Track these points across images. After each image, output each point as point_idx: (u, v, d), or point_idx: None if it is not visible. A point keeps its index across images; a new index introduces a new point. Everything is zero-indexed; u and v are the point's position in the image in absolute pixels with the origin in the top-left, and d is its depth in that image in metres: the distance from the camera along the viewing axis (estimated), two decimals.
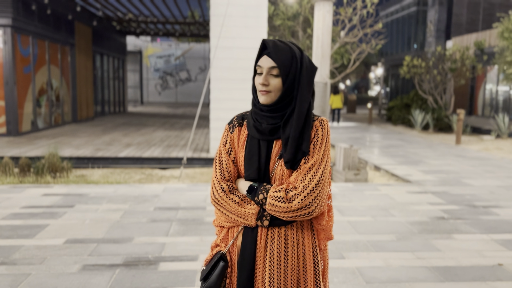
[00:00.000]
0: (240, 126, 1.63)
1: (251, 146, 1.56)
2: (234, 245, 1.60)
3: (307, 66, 1.52)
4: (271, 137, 1.54)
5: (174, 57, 30.07)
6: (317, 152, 1.52)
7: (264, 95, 1.52)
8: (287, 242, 1.53)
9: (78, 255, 3.64)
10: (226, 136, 1.63)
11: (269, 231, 1.53)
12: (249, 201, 1.54)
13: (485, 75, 18.38)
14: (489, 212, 5.18)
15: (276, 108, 1.53)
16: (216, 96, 8.38)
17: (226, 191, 1.56)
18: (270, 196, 1.48)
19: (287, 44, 1.53)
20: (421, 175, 7.36)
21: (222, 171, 1.59)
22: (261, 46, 1.53)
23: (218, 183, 1.58)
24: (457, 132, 11.82)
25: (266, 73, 1.51)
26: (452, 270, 3.51)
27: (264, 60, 1.51)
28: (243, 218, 1.53)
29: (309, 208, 1.47)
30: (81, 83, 14.93)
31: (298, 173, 1.51)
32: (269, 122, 1.54)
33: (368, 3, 10.06)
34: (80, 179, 6.72)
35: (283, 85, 1.51)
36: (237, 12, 8.14)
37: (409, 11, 27.18)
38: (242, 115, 1.66)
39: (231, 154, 1.60)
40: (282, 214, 1.47)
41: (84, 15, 14.93)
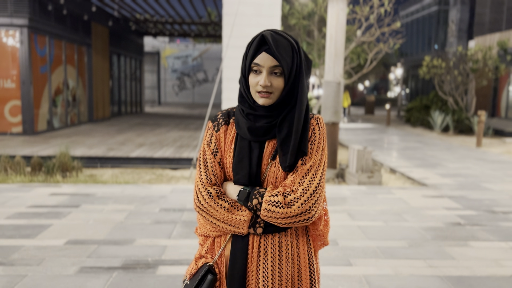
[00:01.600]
0: (227, 124, 1.47)
1: (240, 148, 1.42)
2: (222, 255, 1.45)
3: (304, 60, 1.40)
4: (264, 137, 1.40)
5: (191, 58, 30.18)
6: (315, 152, 1.40)
7: (264, 97, 1.37)
8: (281, 250, 1.40)
9: (77, 256, 3.56)
10: (211, 135, 1.47)
11: (262, 238, 1.39)
12: (239, 206, 1.39)
13: (508, 76, 17.83)
14: (508, 219, 4.92)
15: (274, 108, 1.40)
16: (228, 96, 8.27)
17: (213, 197, 1.40)
18: (265, 201, 1.34)
19: (285, 37, 1.38)
20: (438, 179, 7.10)
21: (208, 174, 1.43)
22: (258, 41, 1.35)
23: (204, 187, 1.41)
24: (478, 134, 11.44)
25: (268, 73, 1.36)
26: (466, 280, 3.30)
27: (264, 58, 1.35)
28: (233, 226, 1.38)
29: (309, 213, 1.35)
30: (98, 83, 15.04)
31: (295, 175, 1.38)
32: (264, 121, 1.40)
33: (385, 1, 9.81)
34: (90, 178, 6.69)
35: (285, 85, 1.37)
36: (249, 11, 8.02)
37: (429, 10, 26.64)
38: (228, 112, 1.50)
39: (217, 155, 1.45)
40: (279, 220, 1.34)
41: (101, 15, 15.04)
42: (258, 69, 1.36)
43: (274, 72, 1.35)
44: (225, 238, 1.44)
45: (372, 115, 25.69)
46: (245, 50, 1.41)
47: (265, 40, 1.35)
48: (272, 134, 1.40)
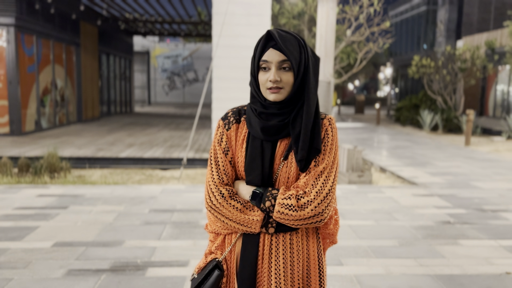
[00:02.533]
0: (238, 123, 1.46)
1: (253, 147, 1.41)
2: (232, 252, 1.46)
3: (311, 56, 1.40)
4: (276, 136, 1.40)
5: (181, 57, 30.04)
6: (327, 154, 1.40)
7: (275, 92, 1.37)
8: (293, 249, 1.41)
9: (65, 259, 3.50)
10: (222, 134, 1.46)
11: (273, 237, 1.41)
12: (252, 206, 1.40)
13: (496, 75, 18.02)
14: (498, 217, 4.95)
15: (285, 105, 1.39)
16: (218, 96, 8.23)
17: (226, 197, 1.40)
18: (279, 203, 1.35)
19: (291, 34, 1.39)
20: (428, 177, 7.13)
21: (220, 173, 1.43)
22: (265, 38, 1.37)
23: (216, 187, 1.41)
24: (467, 133, 11.54)
25: (276, 68, 1.36)
26: (457, 278, 3.31)
27: (272, 54, 1.36)
28: (245, 225, 1.39)
29: (321, 215, 1.36)
30: (87, 83, 14.89)
31: (308, 176, 1.38)
32: (277, 119, 1.39)
33: (375, 1, 9.84)
34: (78, 179, 6.61)
35: (295, 80, 1.37)
36: (239, 10, 7.98)
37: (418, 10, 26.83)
38: (238, 110, 1.49)
39: (228, 154, 1.45)
40: (291, 222, 1.35)
41: (89, 14, 14.89)
42: (267, 66, 1.37)
43: (283, 67, 1.36)
44: (235, 236, 1.45)
45: (362, 114, 25.80)
46: (253, 52, 1.42)
47: (271, 37, 1.36)
48: (284, 133, 1.40)
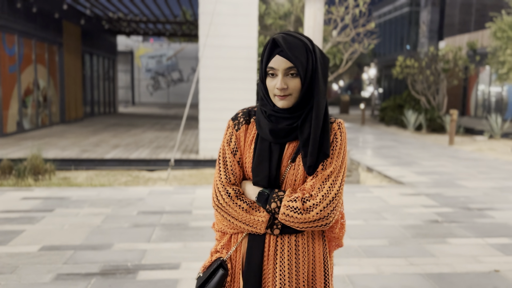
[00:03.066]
0: (247, 124, 1.48)
1: (261, 149, 1.42)
2: (237, 252, 1.47)
3: (320, 58, 1.39)
4: (285, 139, 1.41)
5: (166, 57, 29.83)
6: (335, 158, 1.40)
7: (282, 100, 1.37)
8: (298, 251, 1.42)
9: (53, 263, 3.43)
10: (231, 134, 1.47)
11: (279, 238, 1.41)
12: (257, 207, 1.41)
13: (477, 76, 18.35)
14: (484, 215, 5.03)
15: (295, 109, 1.40)
16: (205, 96, 8.19)
17: (232, 197, 1.41)
18: (284, 205, 1.35)
19: (298, 37, 1.38)
20: (414, 177, 7.21)
21: (227, 173, 1.44)
22: (271, 45, 1.37)
23: (223, 187, 1.43)
24: (450, 133, 11.71)
25: (283, 75, 1.36)
26: (447, 277, 3.34)
27: (279, 61, 1.35)
28: (251, 226, 1.40)
29: (326, 219, 1.36)
30: (70, 83, 14.66)
31: (315, 180, 1.38)
32: (286, 123, 1.40)
33: (360, 2, 9.91)
34: (64, 181, 6.50)
35: (302, 85, 1.37)
36: (226, 10, 7.95)
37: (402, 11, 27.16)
38: (248, 111, 1.50)
39: (236, 154, 1.46)
40: (296, 224, 1.36)
41: (72, 13, 14.67)
42: (274, 72, 1.37)
43: (290, 74, 1.36)
44: (241, 235, 1.46)
45: (347, 114, 25.99)
46: (261, 57, 1.42)
47: (277, 44, 1.36)
48: (293, 136, 1.40)
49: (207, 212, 4.92)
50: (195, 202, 5.36)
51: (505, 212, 5.19)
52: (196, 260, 3.55)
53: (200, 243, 3.94)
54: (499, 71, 12.01)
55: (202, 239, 4.04)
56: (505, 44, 11.23)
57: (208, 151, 8.29)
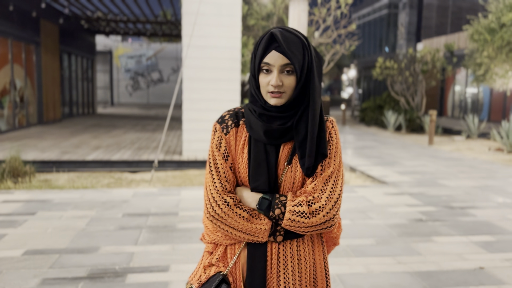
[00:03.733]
0: (237, 127, 1.39)
1: (257, 152, 1.34)
2: (236, 264, 1.38)
3: (315, 56, 1.34)
4: (280, 140, 1.34)
5: (145, 57, 29.51)
6: (333, 157, 1.36)
7: (276, 97, 1.31)
8: (300, 256, 1.37)
9: (38, 267, 3.34)
10: (220, 138, 1.38)
11: (281, 245, 1.35)
12: (258, 215, 1.33)
13: (454, 77, 18.76)
14: (466, 213, 5.14)
15: (287, 108, 1.34)
16: (189, 97, 8.13)
17: (231, 206, 1.32)
18: (289, 211, 1.29)
19: (295, 34, 1.32)
20: (397, 176, 7.32)
21: (222, 181, 1.35)
22: (267, 39, 1.30)
23: (220, 196, 1.33)
24: (430, 133, 11.93)
25: (279, 72, 1.30)
26: (434, 275, 3.39)
27: (275, 57, 1.29)
28: (252, 235, 1.32)
29: (332, 221, 1.33)
30: (48, 84, 14.36)
31: (317, 182, 1.33)
32: (279, 122, 1.33)
33: (342, 4, 10.01)
34: (44, 184, 6.35)
35: (297, 83, 1.31)
36: (210, 10, 7.91)
37: (380, 13, 27.55)
38: (236, 113, 1.42)
39: (228, 159, 1.37)
40: (302, 229, 1.31)
41: (50, 12, 14.37)
42: (269, 68, 1.31)
43: (286, 71, 1.30)
44: (239, 246, 1.38)
45: (327, 115, 26.16)
46: (253, 49, 1.36)
47: (274, 38, 1.30)
48: (288, 137, 1.35)
49: (193, 213, 4.88)
50: (181, 203, 5.32)
51: (486, 210, 5.32)
52: (185, 262, 3.51)
53: (189, 245, 3.91)
54: (476, 73, 12.30)
55: (190, 241, 4.01)
56: (481, 47, 11.51)
57: (192, 152, 8.23)
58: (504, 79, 11.74)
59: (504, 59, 11.29)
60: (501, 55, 11.24)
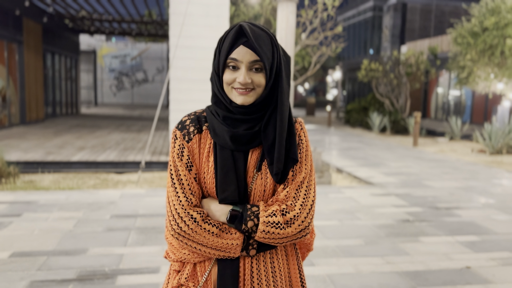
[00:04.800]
0: (200, 133, 1.27)
1: (223, 159, 1.23)
2: (208, 282, 1.27)
3: (283, 55, 1.26)
4: (248, 146, 1.24)
5: (130, 57, 29.25)
6: (304, 161, 1.28)
7: (243, 94, 1.20)
8: (274, 267, 1.29)
9: (25, 270, 3.29)
10: (181, 147, 1.25)
11: (254, 259, 1.26)
12: (228, 228, 1.22)
13: (437, 80, 19.06)
14: (451, 214, 5.23)
15: (255, 110, 1.23)
16: (176, 97, 8.09)
17: (198, 221, 1.20)
18: (263, 222, 1.19)
19: (264, 29, 1.23)
20: (383, 177, 7.40)
21: (186, 194, 1.22)
22: (235, 32, 1.19)
23: (185, 212, 1.20)
24: (414, 135, 12.09)
25: (247, 68, 1.20)
26: (422, 274, 3.45)
27: (243, 52, 1.18)
28: (223, 251, 1.22)
29: (308, 229, 1.25)
30: (30, 83, 14.12)
31: (289, 189, 1.25)
32: (245, 126, 1.23)
33: (329, 6, 10.09)
34: (29, 185, 6.25)
35: (266, 82, 1.22)
36: (197, 11, 7.89)
37: (365, 16, 27.83)
38: (197, 117, 1.29)
39: (192, 170, 1.24)
40: (277, 240, 1.22)
41: (34, 11, 14.14)
42: (236, 65, 1.20)
43: (254, 68, 1.20)
44: (209, 263, 1.27)
45: (313, 116, 26.35)
46: (217, 44, 1.25)
47: (243, 32, 1.19)
48: (256, 142, 1.25)
49: None
50: None
51: (470, 210, 5.42)
52: None
53: None
54: (460, 76, 12.52)
55: None
56: (465, 50, 11.73)
57: None
58: (487, 82, 11.98)
59: (487, 62, 11.52)
60: (484, 58, 11.47)
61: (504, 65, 11.41)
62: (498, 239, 4.36)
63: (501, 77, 11.65)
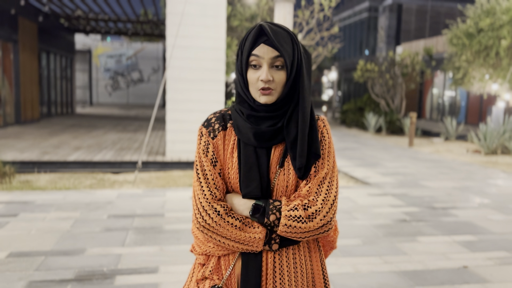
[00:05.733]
0: (224, 130, 1.32)
1: (247, 156, 1.27)
2: (232, 276, 1.30)
3: (303, 53, 1.31)
4: (270, 142, 1.28)
5: (125, 56, 29.15)
6: (327, 158, 1.30)
7: (266, 94, 1.24)
8: (296, 263, 1.31)
9: (23, 270, 3.27)
10: (207, 143, 1.30)
11: (276, 254, 1.29)
12: (251, 222, 1.26)
13: (432, 80, 19.15)
14: (448, 214, 5.25)
15: (277, 107, 1.27)
16: (173, 97, 8.08)
17: (222, 215, 1.24)
18: (285, 216, 1.22)
19: (284, 28, 1.28)
20: (379, 177, 7.42)
21: (211, 188, 1.27)
22: (255, 32, 1.24)
23: (209, 205, 1.25)
24: (410, 135, 12.14)
25: (269, 66, 1.24)
26: (420, 274, 3.46)
27: (264, 49, 1.23)
28: (246, 244, 1.25)
29: (330, 224, 1.26)
30: (26, 83, 14.05)
31: (311, 184, 1.27)
32: (268, 123, 1.27)
33: (325, 7, 10.11)
34: (25, 185, 6.22)
35: (287, 79, 1.26)
36: (194, 11, 7.89)
37: (361, 17, 27.90)
38: (222, 115, 1.34)
39: (217, 165, 1.30)
40: (299, 235, 1.24)
41: (29, 10, 14.07)
42: (258, 63, 1.24)
43: (276, 66, 1.24)
44: (233, 257, 1.30)
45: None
46: (239, 46, 1.29)
47: (263, 31, 1.24)
48: (279, 138, 1.29)
49: (180, 215, 4.85)
50: (166, 205, 5.28)
51: (467, 210, 5.45)
52: (174, 264, 3.49)
53: (177, 246, 3.88)
54: (455, 76, 12.59)
55: (178, 242, 3.98)
56: (460, 51, 11.79)
57: (176, 153, 8.18)
58: (481, 83, 12.05)
59: (482, 63, 11.58)
60: (479, 59, 11.53)
61: (499, 66, 11.49)
62: (494, 238, 4.38)
63: (496, 78, 11.72)
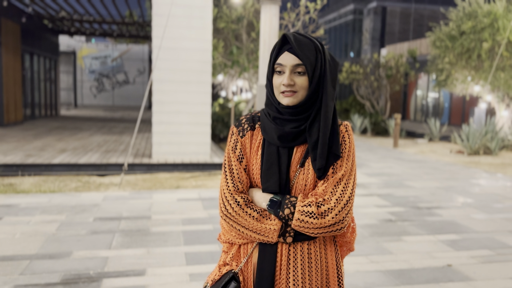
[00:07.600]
0: (252, 130, 1.45)
1: (269, 154, 1.39)
2: (249, 263, 1.42)
3: (330, 60, 1.39)
4: (293, 143, 1.38)
5: (110, 58, 28.90)
6: (345, 160, 1.38)
7: (288, 96, 1.35)
8: (311, 258, 1.38)
9: (8, 274, 3.23)
10: (236, 141, 1.45)
11: (291, 247, 1.37)
12: (268, 215, 1.36)
13: (416, 82, 19.41)
14: (432, 213, 5.33)
15: (300, 110, 1.37)
16: (159, 99, 8.04)
17: (241, 205, 1.37)
18: (298, 211, 1.32)
19: (308, 37, 1.38)
20: (365, 178, 7.50)
21: (234, 181, 1.41)
22: (280, 41, 1.37)
23: (231, 195, 1.39)
24: (395, 136, 12.28)
25: (290, 72, 1.35)
26: (406, 273, 3.51)
27: (287, 57, 1.35)
28: (262, 234, 1.36)
29: (342, 223, 1.33)
30: (8, 84, 13.83)
31: (327, 184, 1.36)
32: (292, 125, 1.38)
33: (311, 9, 10.18)
34: (8, 188, 6.13)
35: (309, 84, 1.36)
36: (181, 12, 7.87)
37: (346, 19, 28.14)
38: (252, 117, 1.48)
39: (243, 161, 1.43)
40: (311, 230, 1.32)
41: (12, 11, 13.87)
42: (282, 70, 1.36)
43: (298, 72, 1.35)
44: (252, 246, 1.41)
45: None
46: (270, 54, 1.42)
47: (287, 40, 1.36)
48: (301, 140, 1.38)
49: (167, 217, 4.84)
50: (153, 207, 5.26)
51: (451, 210, 5.54)
52: (161, 266, 3.48)
53: (164, 248, 3.87)
54: (438, 78, 12.78)
55: (165, 244, 3.97)
56: (443, 53, 11.98)
57: (162, 154, 8.15)
58: (464, 85, 12.26)
59: (464, 65, 11.79)
60: (461, 61, 11.73)
61: (481, 68, 11.70)
62: (477, 237, 4.47)
63: (478, 79, 11.94)
